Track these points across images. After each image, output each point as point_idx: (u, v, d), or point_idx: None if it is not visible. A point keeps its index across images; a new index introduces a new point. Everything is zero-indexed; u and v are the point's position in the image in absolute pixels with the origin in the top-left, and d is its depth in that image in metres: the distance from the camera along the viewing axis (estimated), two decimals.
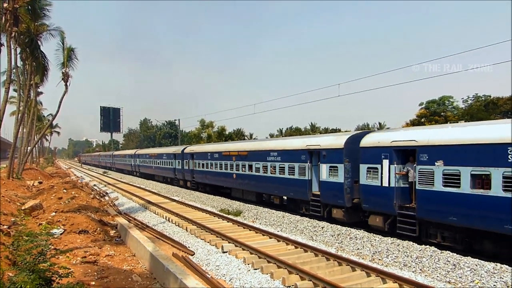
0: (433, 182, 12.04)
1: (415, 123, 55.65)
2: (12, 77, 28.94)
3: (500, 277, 9.33)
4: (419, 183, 12.57)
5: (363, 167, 14.87)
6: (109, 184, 40.80)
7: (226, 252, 12.34)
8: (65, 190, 23.77)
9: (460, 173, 11.33)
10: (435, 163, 12.03)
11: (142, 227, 17.07)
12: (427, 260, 10.89)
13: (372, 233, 14.03)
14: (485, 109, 52.19)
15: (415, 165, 12.92)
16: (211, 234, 14.72)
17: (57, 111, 37.25)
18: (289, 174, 19.17)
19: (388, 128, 54.73)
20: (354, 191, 15.63)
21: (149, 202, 24.41)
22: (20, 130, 37.72)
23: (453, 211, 11.48)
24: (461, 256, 10.93)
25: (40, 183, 33.84)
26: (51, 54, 42.38)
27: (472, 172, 11.00)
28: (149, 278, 9.88)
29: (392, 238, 13.20)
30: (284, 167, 19.61)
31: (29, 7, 29.92)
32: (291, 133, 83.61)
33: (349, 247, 12.89)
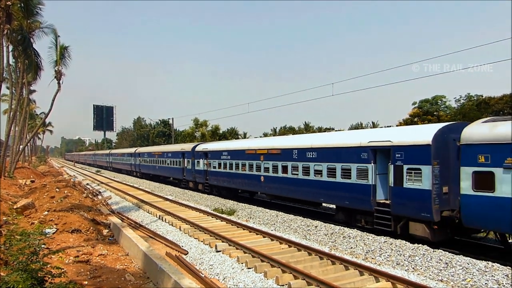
0: None
1: (408, 122, 55.96)
2: (4, 75, 28.65)
3: (492, 276, 9.42)
4: None
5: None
6: (102, 183, 40.58)
7: (220, 251, 12.33)
8: (57, 189, 23.61)
9: None
10: None
11: (136, 226, 17.01)
12: (419, 258, 10.97)
13: (365, 232, 14.06)
14: (477, 108, 52.58)
15: None
16: (205, 233, 14.71)
17: (50, 109, 37.07)
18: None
19: (383, 127, 54.95)
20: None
21: (143, 201, 24.32)
22: (12, 129, 37.40)
23: None
24: (453, 254, 11.02)
25: (32, 181, 33.63)
26: (44, 52, 42.09)
27: None
28: (142, 278, 9.86)
29: (385, 237, 13.26)
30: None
31: (22, 4, 29.72)
32: (285, 132, 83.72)
33: (342, 246, 12.93)
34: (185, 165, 33.26)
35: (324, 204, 20.00)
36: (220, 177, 26.76)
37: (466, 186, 11.56)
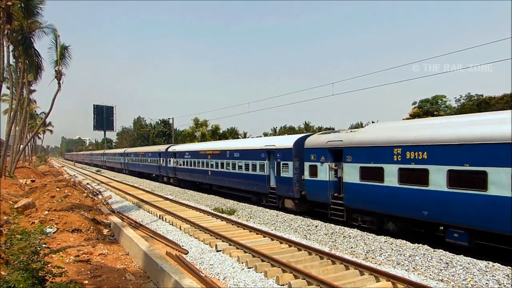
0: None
1: None
2: (4, 75, 28.65)
3: (492, 275, 9.41)
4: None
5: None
6: (102, 182, 40.58)
7: (220, 251, 12.34)
8: (58, 189, 23.63)
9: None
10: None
11: (136, 225, 17.02)
12: (420, 258, 10.97)
13: (365, 232, 14.07)
14: (478, 108, 52.54)
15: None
16: (205, 233, 14.72)
17: (50, 109, 37.05)
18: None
19: None
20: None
21: (143, 200, 24.34)
22: (12, 128, 37.41)
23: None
24: (453, 254, 11.01)
25: (32, 181, 33.64)
26: (44, 52, 42.22)
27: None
28: (142, 277, 9.86)
29: (385, 237, 13.26)
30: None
31: (22, 4, 29.71)
32: (285, 131, 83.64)
33: (342, 246, 12.94)
34: (161, 163, 39.19)
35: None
36: (184, 173, 33.12)
37: (306, 174, 17.55)
